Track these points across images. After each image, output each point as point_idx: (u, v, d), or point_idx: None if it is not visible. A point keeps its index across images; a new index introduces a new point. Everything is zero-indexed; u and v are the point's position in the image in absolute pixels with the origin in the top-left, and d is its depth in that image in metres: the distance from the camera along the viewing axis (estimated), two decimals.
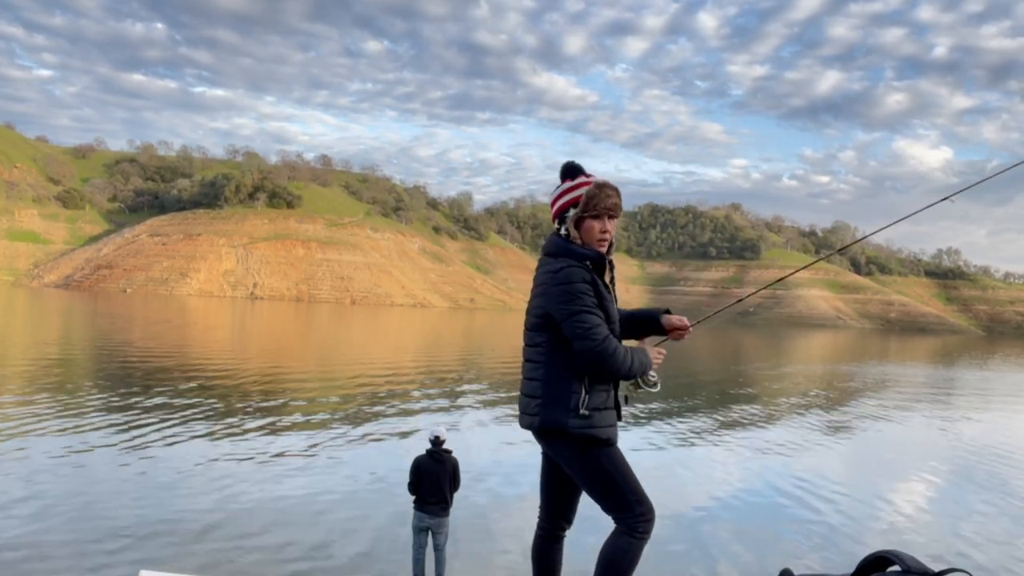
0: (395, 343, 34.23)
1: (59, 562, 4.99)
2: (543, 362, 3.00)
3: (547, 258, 3.06)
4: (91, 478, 7.11)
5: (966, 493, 8.81)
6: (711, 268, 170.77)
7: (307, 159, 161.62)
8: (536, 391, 2.99)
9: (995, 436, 13.90)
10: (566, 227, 3.04)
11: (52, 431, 9.06)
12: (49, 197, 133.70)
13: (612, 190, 3.04)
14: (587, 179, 3.06)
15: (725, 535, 6.47)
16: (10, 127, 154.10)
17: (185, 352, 22.78)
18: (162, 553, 5.25)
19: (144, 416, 10.42)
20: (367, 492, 7.26)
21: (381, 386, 15.96)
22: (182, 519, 6.02)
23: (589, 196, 3.02)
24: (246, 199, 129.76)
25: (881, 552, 1.66)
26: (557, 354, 2.98)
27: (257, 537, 5.74)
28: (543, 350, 3.00)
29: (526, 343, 3.11)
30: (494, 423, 11.92)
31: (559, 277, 2.93)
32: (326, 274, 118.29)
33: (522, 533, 5.91)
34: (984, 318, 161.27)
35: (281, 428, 10.26)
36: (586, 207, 3.00)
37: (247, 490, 7.01)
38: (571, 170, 3.12)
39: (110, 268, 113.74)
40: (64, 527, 5.67)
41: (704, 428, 12.40)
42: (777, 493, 8.13)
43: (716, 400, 17.18)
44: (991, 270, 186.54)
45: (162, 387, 13.71)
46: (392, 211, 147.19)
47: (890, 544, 6.35)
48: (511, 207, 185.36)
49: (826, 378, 26.28)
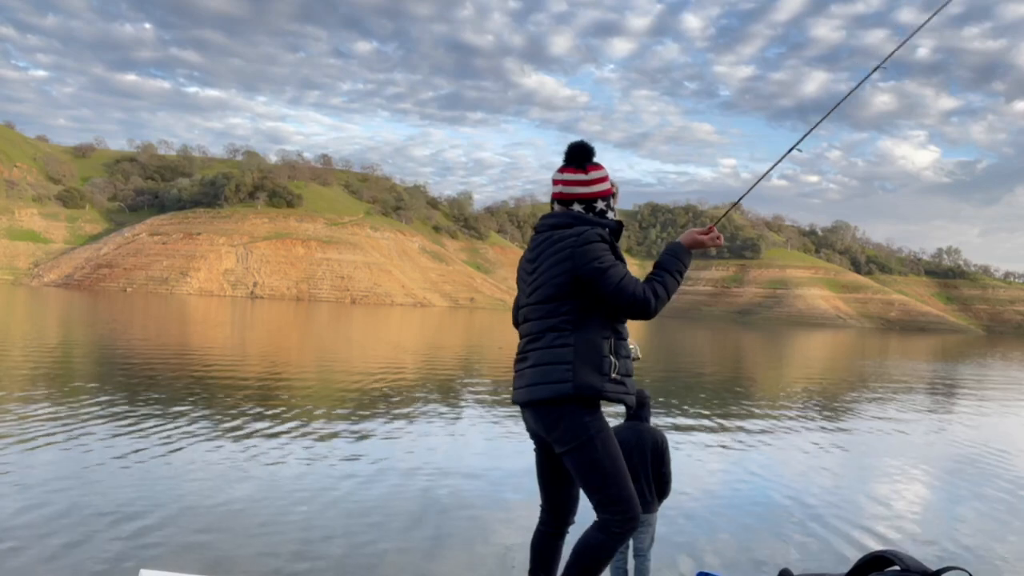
0: (395, 342, 34.25)
1: (59, 562, 4.99)
2: (570, 330, 2.98)
3: (557, 231, 3.07)
4: (91, 477, 7.12)
5: (965, 492, 8.82)
6: (711, 267, 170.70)
7: (307, 158, 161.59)
8: (565, 356, 2.95)
9: (995, 436, 13.90)
10: (613, 210, 3.18)
11: (50, 429, 9.07)
12: (49, 196, 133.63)
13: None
14: (605, 170, 3.18)
15: (722, 535, 6.47)
16: (10, 126, 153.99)
17: (185, 351, 22.78)
18: (162, 553, 5.25)
19: (144, 415, 10.43)
20: (368, 491, 7.26)
21: (382, 384, 15.96)
22: (183, 518, 6.03)
23: (614, 193, 3.20)
24: (246, 198, 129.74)
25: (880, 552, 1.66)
26: (587, 320, 2.99)
27: (258, 537, 5.74)
28: (570, 318, 2.99)
29: (541, 316, 3.07)
30: (494, 421, 11.92)
31: (583, 239, 2.98)
32: (326, 273, 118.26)
33: (523, 532, 5.92)
34: (984, 317, 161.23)
35: (282, 428, 10.27)
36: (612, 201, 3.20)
37: (248, 490, 7.02)
38: (589, 153, 3.17)
39: (110, 267, 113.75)
40: (64, 527, 5.67)
41: (696, 425, 12.41)
42: (774, 492, 8.13)
43: (709, 397, 17.18)
44: (991, 269, 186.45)
45: (162, 386, 13.72)
46: (392, 210, 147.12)
47: (888, 544, 6.35)
48: (511, 206, 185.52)
49: (825, 377, 26.29)
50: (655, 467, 4.23)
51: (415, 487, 7.44)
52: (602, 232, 3.02)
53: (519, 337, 3.28)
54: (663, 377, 21.46)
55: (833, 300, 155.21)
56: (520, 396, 3.10)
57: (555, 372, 2.95)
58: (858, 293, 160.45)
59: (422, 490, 7.33)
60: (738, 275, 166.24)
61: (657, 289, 3.00)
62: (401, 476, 7.89)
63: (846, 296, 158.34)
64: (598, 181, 3.12)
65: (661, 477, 4.29)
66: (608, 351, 2.99)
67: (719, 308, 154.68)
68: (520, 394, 3.10)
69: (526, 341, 3.11)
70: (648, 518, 4.29)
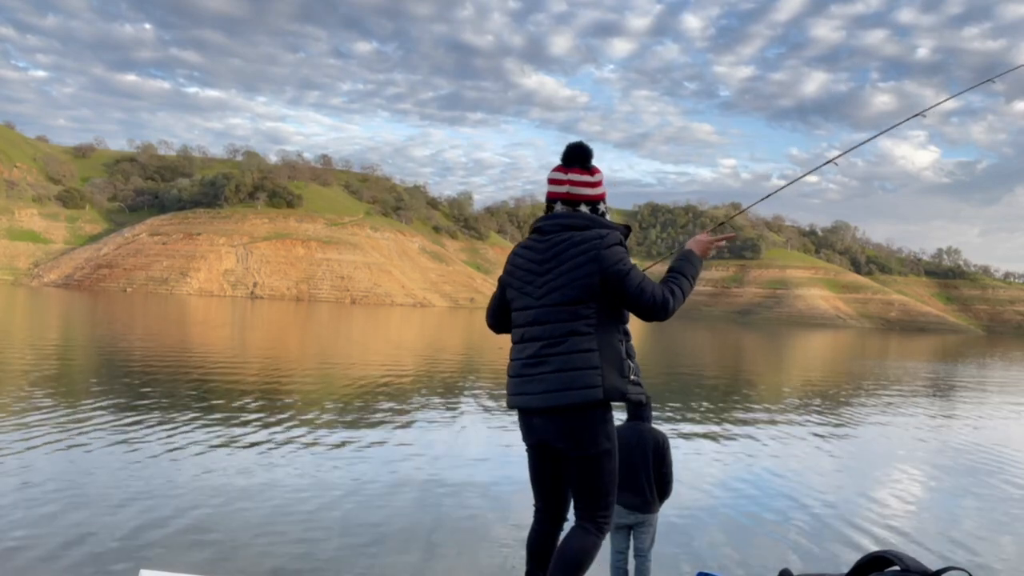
0: (395, 342, 34.24)
1: (59, 562, 4.99)
2: (592, 333, 2.95)
3: (575, 231, 3.05)
4: (90, 477, 7.12)
5: (965, 493, 8.82)
6: (712, 267, 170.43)
7: (307, 159, 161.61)
8: (593, 361, 2.91)
9: (995, 436, 13.90)
10: (607, 212, 3.19)
11: (50, 430, 9.07)
12: (49, 196, 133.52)
13: None
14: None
15: (722, 536, 6.48)
16: (10, 126, 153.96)
17: (186, 351, 22.78)
18: (162, 553, 5.26)
19: (145, 415, 10.43)
20: (368, 492, 7.26)
21: (381, 384, 15.96)
22: (183, 518, 6.03)
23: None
24: (246, 198, 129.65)
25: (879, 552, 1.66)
26: (606, 322, 2.99)
27: (258, 537, 5.75)
28: (593, 320, 2.96)
29: (561, 318, 2.98)
30: (494, 421, 11.92)
31: (607, 240, 3.00)
32: (326, 273, 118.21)
33: (523, 532, 5.91)
34: (984, 318, 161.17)
35: (284, 427, 10.27)
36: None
37: (249, 489, 7.02)
38: (588, 155, 3.16)
39: (110, 267, 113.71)
40: (64, 527, 5.67)
41: (697, 426, 12.41)
42: (775, 492, 8.13)
43: (709, 397, 17.17)
44: (991, 269, 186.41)
45: (161, 385, 13.72)
46: (392, 210, 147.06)
47: (887, 544, 6.36)
48: (511, 206, 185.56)
49: (824, 377, 26.28)
50: (656, 467, 4.23)
51: (415, 487, 7.43)
52: (620, 236, 3.05)
53: (519, 340, 3.13)
54: (663, 378, 21.45)
55: (833, 300, 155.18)
56: (537, 402, 2.95)
57: (585, 377, 2.89)
58: (858, 293, 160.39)
59: (421, 490, 7.33)
60: (738, 275, 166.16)
61: (674, 290, 3.04)
62: (401, 476, 7.89)
63: (846, 296, 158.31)
64: (600, 183, 3.14)
65: (662, 477, 4.30)
66: (625, 354, 3.00)
67: (719, 308, 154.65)
68: (536, 400, 2.95)
69: (542, 345, 2.97)
70: (649, 518, 4.28)
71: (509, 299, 3.22)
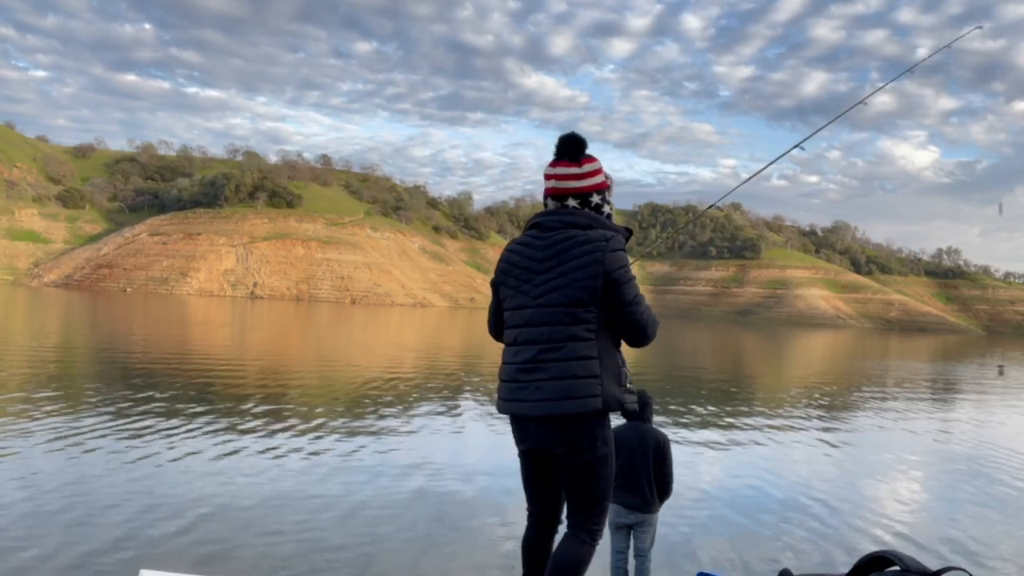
0: (395, 342, 34.24)
1: (59, 561, 5.00)
2: (592, 339, 2.83)
3: (579, 230, 2.90)
4: (90, 477, 7.12)
5: (965, 493, 8.82)
6: (711, 267, 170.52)
7: (307, 159, 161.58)
8: (593, 370, 2.79)
9: (995, 436, 13.90)
10: (609, 204, 3.04)
11: (50, 430, 9.07)
12: (49, 196, 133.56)
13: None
14: (599, 162, 3.03)
15: (722, 536, 6.48)
16: (10, 126, 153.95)
17: (186, 351, 22.78)
18: (162, 552, 5.26)
19: (145, 416, 10.43)
20: (368, 492, 7.26)
21: (381, 385, 15.96)
22: (183, 518, 6.03)
23: (610, 186, 3.06)
24: (246, 198, 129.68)
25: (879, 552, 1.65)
26: (606, 328, 2.88)
27: (258, 537, 5.75)
28: (592, 325, 2.83)
29: (560, 321, 2.83)
30: (493, 421, 11.92)
31: (613, 243, 2.87)
32: (326, 273, 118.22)
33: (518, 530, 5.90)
34: (984, 318, 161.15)
35: (283, 427, 10.27)
36: (608, 194, 3.04)
37: (249, 490, 7.03)
38: (582, 145, 2.99)
39: (110, 267, 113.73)
40: (64, 527, 5.67)
41: (697, 426, 12.41)
42: (775, 493, 8.13)
43: (709, 398, 17.18)
44: (991, 269, 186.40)
45: (162, 385, 13.72)
46: (392, 210, 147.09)
47: (887, 544, 6.36)
48: (511, 206, 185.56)
49: (824, 377, 26.28)
50: (656, 467, 4.23)
51: (414, 487, 7.44)
52: (623, 242, 2.93)
53: (512, 342, 2.97)
54: (663, 378, 21.45)
55: (833, 300, 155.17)
56: (533, 410, 2.83)
57: (584, 387, 2.77)
58: (858, 293, 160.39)
59: (421, 491, 7.34)
60: (738, 275, 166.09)
61: (655, 317, 3.01)
62: (400, 476, 7.89)
63: (846, 296, 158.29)
64: (592, 174, 2.96)
65: (662, 477, 4.30)
66: (622, 361, 2.92)
67: (719, 308, 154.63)
68: (532, 407, 2.83)
69: (539, 349, 2.82)
70: (649, 518, 4.28)
71: (503, 298, 3.04)
